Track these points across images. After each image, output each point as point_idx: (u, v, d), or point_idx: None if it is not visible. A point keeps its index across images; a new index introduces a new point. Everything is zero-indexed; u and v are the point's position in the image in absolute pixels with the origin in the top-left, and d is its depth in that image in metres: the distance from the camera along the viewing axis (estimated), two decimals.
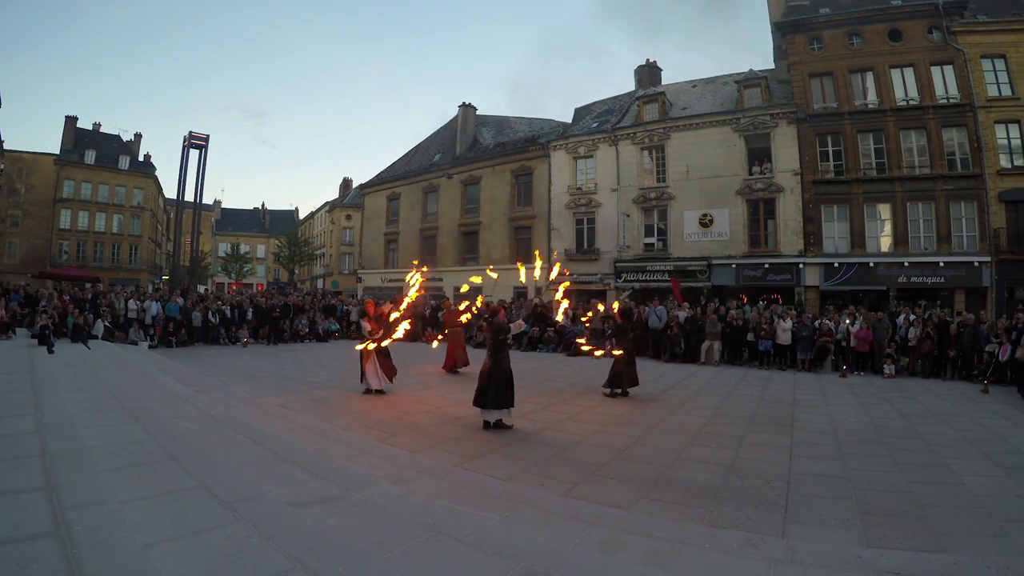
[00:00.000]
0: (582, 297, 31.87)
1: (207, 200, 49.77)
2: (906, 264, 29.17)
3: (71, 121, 61.42)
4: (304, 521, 4.94)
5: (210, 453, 6.91)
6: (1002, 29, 29.73)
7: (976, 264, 28.26)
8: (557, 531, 5.36)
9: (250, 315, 25.06)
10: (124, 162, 64.08)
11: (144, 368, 14.42)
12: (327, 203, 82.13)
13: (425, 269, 17.97)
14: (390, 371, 13.06)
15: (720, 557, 5.00)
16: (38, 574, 3.71)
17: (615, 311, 15.89)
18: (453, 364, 16.93)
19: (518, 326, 11.92)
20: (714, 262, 32.36)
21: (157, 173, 69.36)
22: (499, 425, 9.91)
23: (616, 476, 7.63)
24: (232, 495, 5.38)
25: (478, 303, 17.76)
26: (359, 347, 13.08)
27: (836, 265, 30.15)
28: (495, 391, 9.87)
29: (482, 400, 9.93)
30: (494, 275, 16.05)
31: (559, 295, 15.14)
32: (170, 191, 68.98)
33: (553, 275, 15.58)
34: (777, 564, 4.88)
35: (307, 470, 6.47)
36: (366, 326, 13.34)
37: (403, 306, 13.95)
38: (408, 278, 15.20)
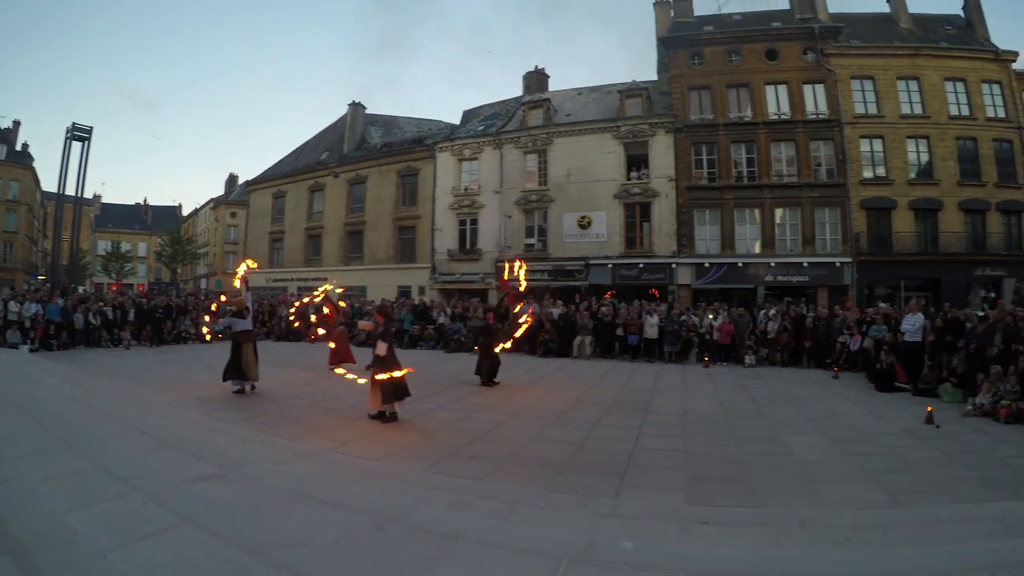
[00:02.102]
0: (463, 296, 31.97)
1: (86, 194, 47.11)
2: (772, 264, 30.91)
3: None
4: (191, 491, 5.63)
5: (103, 442, 7.36)
6: (872, 54, 32.45)
7: (838, 264, 30.35)
8: (413, 497, 6.00)
9: (132, 316, 23.93)
10: (0, 151, 59.95)
11: (28, 371, 14.23)
12: (212, 200, 79.16)
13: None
14: (234, 373, 12.80)
15: (552, 513, 5.69)
16: None
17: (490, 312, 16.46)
18: (339, 361, 16.73)
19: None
20: (591, 262, 33.03)
21: (35, 164, 65.23)
22: (392, 416, 10.16)
23: (475, 455, 8.22)
24: (127, 473, 6.02)
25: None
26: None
27: (707, 265, 31.53)
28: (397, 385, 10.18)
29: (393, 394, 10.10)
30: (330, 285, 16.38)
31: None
32: (48, 184, 65.35)
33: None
34: (601, 517, 5.57)
35: (192, 454, 6.99)
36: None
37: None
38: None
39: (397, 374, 10.06)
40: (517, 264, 16.22)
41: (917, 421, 10.63)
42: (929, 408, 10.97)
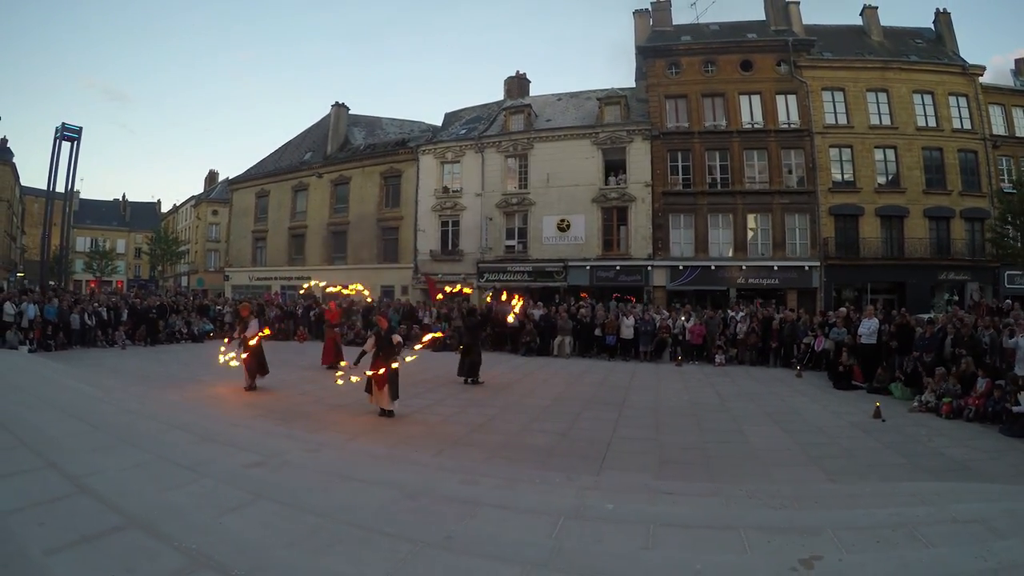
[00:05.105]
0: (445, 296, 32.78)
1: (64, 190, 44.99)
2: (744, 267, 32.20)
3: None
4: (250, 475, 6.47)
5: (150, 437, 7.91)
6: (843, 66, 33.72)
7: (807, 268, 31.67)
8: (430, 476, 7.05)
9: (125, 316, 23.98)
10: None
11: (42, 373, 14.45)
12: (192, 197, 78.24)
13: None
14: (258, 369, 13.58)
15: (545, 486, 6.88)
16: (88, 512, 5.05)
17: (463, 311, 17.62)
18: (332, 359, 17.58)
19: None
20: (570, 264, 34.04)
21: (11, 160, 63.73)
22: (391, 413, 11.07)
23: (473, 444, 9.39)
24: (189, 462, 6.70)
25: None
26: (229, 357, 13.59)
27: (681, 268, 32.63)
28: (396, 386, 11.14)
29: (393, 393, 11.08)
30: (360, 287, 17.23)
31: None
32: (27, 180, 64.22)
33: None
34: (585, 490, 6.75)
35: (233, 446, 7.79)
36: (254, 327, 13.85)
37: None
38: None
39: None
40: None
41: (866, 416, 11.66)
42: (877, 404, 12.01)
